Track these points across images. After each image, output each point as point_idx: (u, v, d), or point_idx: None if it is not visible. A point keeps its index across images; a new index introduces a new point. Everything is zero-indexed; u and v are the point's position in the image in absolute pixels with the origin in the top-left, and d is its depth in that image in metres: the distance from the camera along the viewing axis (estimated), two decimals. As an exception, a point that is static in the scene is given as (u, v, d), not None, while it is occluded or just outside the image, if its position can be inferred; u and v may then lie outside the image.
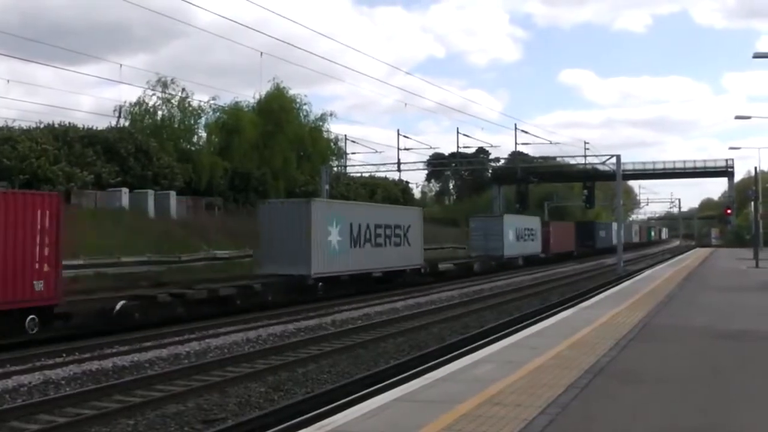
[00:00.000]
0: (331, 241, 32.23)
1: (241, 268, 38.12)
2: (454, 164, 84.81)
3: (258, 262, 32.52)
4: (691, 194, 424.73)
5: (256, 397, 14.51)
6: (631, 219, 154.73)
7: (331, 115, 69.00)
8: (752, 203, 55.00)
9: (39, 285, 19.72)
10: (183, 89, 58.08)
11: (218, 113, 61.48)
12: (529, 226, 63.41)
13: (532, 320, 22.24)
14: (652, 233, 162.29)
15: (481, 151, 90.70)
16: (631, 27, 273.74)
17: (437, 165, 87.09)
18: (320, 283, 31.15)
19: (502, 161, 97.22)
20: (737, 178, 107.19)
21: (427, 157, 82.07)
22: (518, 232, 59.97)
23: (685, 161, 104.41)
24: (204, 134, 61.22)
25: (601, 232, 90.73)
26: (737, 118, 65.92)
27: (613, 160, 52.95)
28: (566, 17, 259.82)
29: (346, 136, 68.61)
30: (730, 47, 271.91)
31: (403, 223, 38.98)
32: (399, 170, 59.26)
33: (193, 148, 58.47)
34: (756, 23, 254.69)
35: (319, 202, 32.57)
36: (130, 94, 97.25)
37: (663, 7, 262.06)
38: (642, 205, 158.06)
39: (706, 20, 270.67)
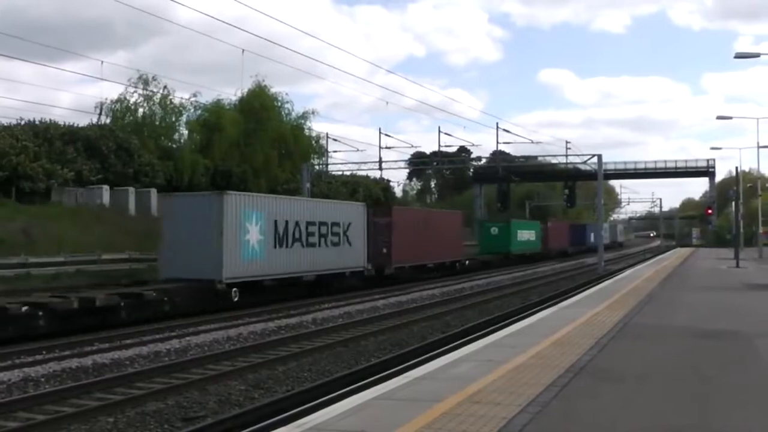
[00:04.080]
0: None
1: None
2: (435, 163, 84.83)
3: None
4: (673, 194, 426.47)
5: (236, 395, 14.49)
6: (612, 218, 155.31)
7: (313, 113, 68.81)
8: (733, 203, 55.35)
9: None
10: (165, 87, 57.97)
11: (199, 111, 61.30)
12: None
13: (513, 319, 22.28)
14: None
15: (463, 150, 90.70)
16: (610, 27, 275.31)
17: (419, 164, 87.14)
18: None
19: (484, 160, 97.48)
20: (718, 178, 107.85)
21: (409, 156, 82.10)
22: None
23: (666, 161, 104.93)
24: (185, 132, 61.04)
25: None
26: (719, 118, 66.16)
27: (595, 159, 53.07)
28: (544, 17, 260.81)
29: (327, 134, 68.44)
30: (709, 48, 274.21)
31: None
32: (380, 169, 59.17)
33: (174, 146, 58.33)
34: (734, 24, 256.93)
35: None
36: (111, 92, 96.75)
37: (641, 7, 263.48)
38: (623, 204, 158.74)
39: (685, 21, 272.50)
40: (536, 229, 74.35)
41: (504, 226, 64.56)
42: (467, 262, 52.21)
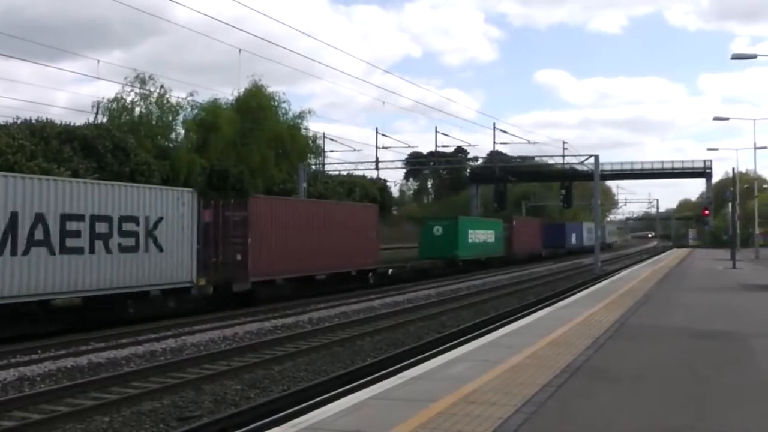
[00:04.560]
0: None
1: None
2: (432, 163, 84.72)
3: None
4: (669, 195, 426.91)
5: (231, 395, 14.46)
6: (608, 219, 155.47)
7: (309, 113, 68.74)
8: (730, 204, 55.39)
9: None
10: (161, 86, 57.89)
11: (196, 110, 61.22)
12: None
13: (509, 319, 22.28)
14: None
15: (460, 150, 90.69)
16: (606, 28, 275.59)
17: (415, 164, 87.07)
18: None
19: (480, 160, 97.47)
20: (715, 179, 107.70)
21: (405, 156, 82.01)
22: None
23: (663, 162, 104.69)
24: (182, 131, 60.98)
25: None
26: (715, 119, 66.40)
27: (591, 160, 53.09)
28: (541, 17, 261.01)
29: (324, 134, 68.43)
30: (705, 48, 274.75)
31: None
32: (377, 168, 59.17)
33: (170, 145, 58.23)
34: (730, 25, 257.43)
35: None
36: (107, 91, 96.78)
37: (637, 8, 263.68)
38: (620, 205, 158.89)
39: (681, 22, 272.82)
40: (496, 228, 62.35)
41: (449, 224, 53.17)
42: (390, 271, 42.64)
